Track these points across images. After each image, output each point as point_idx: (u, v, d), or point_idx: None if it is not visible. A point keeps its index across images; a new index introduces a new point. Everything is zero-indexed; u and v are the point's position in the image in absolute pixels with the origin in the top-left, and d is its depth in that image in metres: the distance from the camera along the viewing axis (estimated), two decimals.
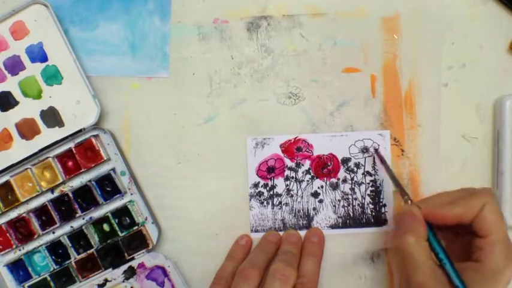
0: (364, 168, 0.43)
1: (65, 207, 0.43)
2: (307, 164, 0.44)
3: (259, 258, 0.40)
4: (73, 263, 0.44)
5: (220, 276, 0.41)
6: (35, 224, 0.43)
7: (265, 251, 0.41)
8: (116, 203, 0.44)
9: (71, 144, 0.43)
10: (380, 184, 0.43)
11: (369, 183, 0.43)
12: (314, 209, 0.44)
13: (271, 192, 0.44)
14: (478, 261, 0.35)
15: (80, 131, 0.43)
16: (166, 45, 0.44)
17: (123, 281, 0.44)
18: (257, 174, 0.44)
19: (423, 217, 0.37)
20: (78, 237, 0.43)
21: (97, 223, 0.43)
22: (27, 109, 0.43)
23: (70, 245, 0.44)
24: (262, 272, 0.39)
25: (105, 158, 0.43)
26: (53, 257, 0.44)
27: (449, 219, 0.36)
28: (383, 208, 0.43)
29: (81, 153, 0.43)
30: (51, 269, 0.44)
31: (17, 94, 0.43)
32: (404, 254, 0.35)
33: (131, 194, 0.44)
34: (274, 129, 0.44)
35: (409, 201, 0.39)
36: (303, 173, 0.44)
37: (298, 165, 0.44)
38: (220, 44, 0.44)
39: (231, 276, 0.40)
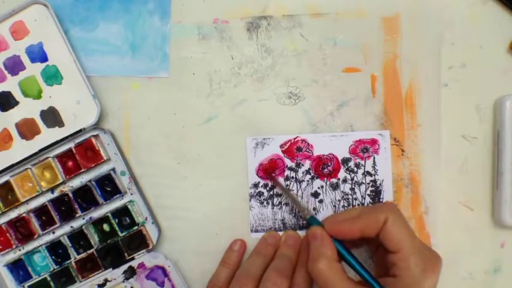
0: (364, 168, 0.43)
1: (65, 207, 0.43)
2: (307, 164, 0.44)
3: (255, 265, 0.41)
4: (73, 263, 0.44)
5: (214, 284, 0.41)
6: (35, 224, 0.43)
7: (262, 255, 0.42)
8: (116, 203, 0.44)
9: (71, 144, 0.43)
10: (380, 184, 0.43)
11: (369, 183, 0.43)
12: (314, 209, 0.44)
13: (271, 192, 0.44)
14: (395, 276, 0.35)
15: (80, 131, 0.43)
16: (166, 45, 0.44)
17: (123, 281, 0.44)
18: (257, 174, 0.44)
19: (329, 234, 0.37)
20: (78, 237, 0.43)
21: (97, 223, 0.43)
22: (27, 109, 0.43)
23: (70, 245, 0.44)
24: (257, 280, 0.39)
25: (105, 158, 0.43)
26: (53, 257, 0.44)
27: (353, 234, 0.37)
28: None
29: (81, 153, 0.43)
30: (51, 269, 0.44)
31: (17, 94, 0.43)
32: (320, 282, 0.36)
33: (131, 194, 0.44)
34: (274, 129, 0.44)
35: (308, 216, 0.40)
36: (303, 173, 0.44)
37: (298, 165, 0.44)
38: (220, 44, 0.44)
39: (225, 283, 0.41)
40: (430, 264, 0.35)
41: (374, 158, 0.43)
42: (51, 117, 0.43)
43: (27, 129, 0.43)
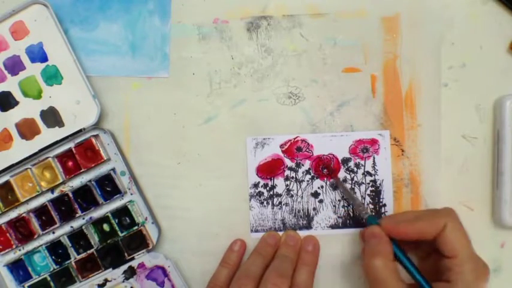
0: (364, 168, 0.43)
1: (65, 207, 0.43)
2: (307, 164, 0.44)
3: (255, 266, 0.41)
4: (73, 263, 0.44)
5: (214, 284, 0.41)
6: (35, 224, 0.43)
7: (262, 256, 0.42)
8: (116, 203, 0.44)
9: (71, 144, 0.43)
10: (380, 184, 0.43)
11: (369, 183, 0.43)
12: (314, 209, 0.44)
13: (271, 192, 0.44)
14: (449, 281, 0.35)
15: (80, 131, 0.43)
16: (166, 45, 0.44)
17: (123, 281, 0.44)
18: (257, 174, 0.44)
19: (386, 234, 0.37)
20: (78, 237, 0.43)
21: (97, 223, 0.43)
22: (27, 109, 0.43)
23: (70, 245, 0.44)
24: (257, 280, 0.39)
25: (105, 158, 0.43)
26: (53, 257, 0.44)
27: (411, 234, 0.37)
28: (383, 208, 0.43)
29: (81, 153, 0.43)
30: (51, 269, 0.44)
31: (17, 94, 0.43)
32: (373, 279, 0.36)
33: (131, 194, 0.44)
34: (274, 129, 0.44)
35: (366, 215, 0.40)
36: (303, 173, 0.44)
37: (298, 165, 0.44)
38: (220, 44, 0.44)
39: (225, 284, 0.41)
40: (482, 273, 0.36)
41: (374, 158, 0.43)
42: (51, 117, 0.43)
43: (27, 129, 0.43)
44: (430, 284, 0.36)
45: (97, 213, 0.44)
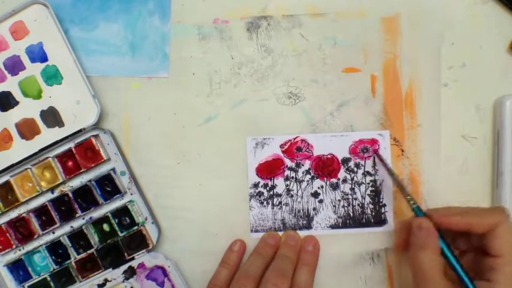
0: (364, 168, 0.43)
1: (65, 207, 0.43)
2: (307, 164, 0.44)
3: (255, 266, 0.41)
4: (73, 263, 0.44)
5: (213, 284, 0.41)
6: (35, 224, 0.43)
7: (262, 256, 0.42)
8: (116, 203, 0.44)
9: (71, 144, 0.43)
10: (380, 184, 0.43)
11: (369, 183, 0.43)
12: (314, 209, 0.44)
13: (271, 192, 0.44)
14: (490, 281, 0.35)
15: (80, 131, 0.43)
16: (166, 45, 0.44)
17: (123, 281, 0.44)
18: (257, 174, 0.44)
19: (435, 225, 0.37)
20: (78, 237, 0.43)
21: (97, 223, 0.43)
22: (27, 109, 0.43)
23: (70, 245, 0.44)
24: (257, 281, 0.39)
25: (105, 158, 0.43)
26: (53, 257, 0.44)
27: (461, 226, 0.37)
28: (383, 208, 0.43)
29: (81, 153, 0.43)
30: (51, 269, 0.44)
31: (17, 94, 0.43)
32: (418, 272, 0.36)
33: (131, 194, 0.44)
34: (274, 129, 0.44)
35: (414, 206, 0.39)
36: (303, 173, 0.44)
37: (298, 165, 0.44)
38: (220, 44, 0.44)
39: (225, 284, 0.41)
40: None
41: (374, 158, 0.43)
42: (51, 117, 0.43)
43: (27, 129, 0.43)
44: (473, 282, 0.36)
45: (97, 213, 0.44)
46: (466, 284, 0.36)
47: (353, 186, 0.44)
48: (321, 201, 0.44)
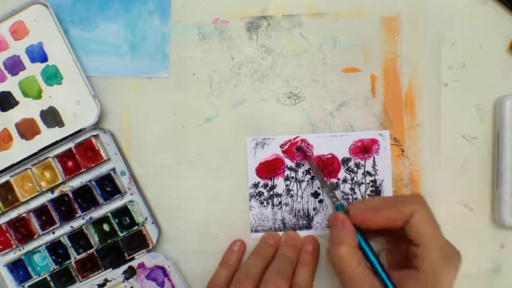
0: (364, 168, 0.43)
1: (65, 207, 0.43)
2: (307, 164, 0.44)
3: (255, 266, 0.41)
4: (73, 263, 0.44)
5: (213, 284, 0.41)
6: (35, 224, 0.43)
7: (262, 256, 0.42)
8: (116, 203, 0.44)
9: (71, 144, 0.43)
10: (380, 184, 0.43)
11: (369, 183, 0.43)
12: (314, 209, 0.44)
13: (271, 192, 0.44)
14: (416, 268, 0.35)
15: (80, 131, 0.43)
16: (166, 45, 0.44)
17: (123, 281, 0.44)
18: (257, 174, 0.44)
19: (352, 221, 0.37)
20: (78, 237, 0.43)
21: (97, 223, 0.43)
22: (27, 109, 0.43)
23: (70, 245, 0.44)
24: (257, 281, 0.39)
25: (105, 158, 0.43)
26: (53, 257, 0.44)
27: (377, 223, 0.37)
28: None
29: (81, 153, 0.43)
30: (51, 269, 0.44)
31: (17, 94, 0.43)
32: (337, 267, 0.36)
33: (131, 194, 0.44)
34: (274, 129, 0.44)
35: (337, 203, 0.40)
36: (303, 173, 0.44)
37: (298, 165, 0.44)
38: (220, 44, 0.44)
39: (225, 284, 0.41)
40: (451, 260, 0.35)
41: (374, 158, 0.43)
42: (51, 117, 0.43)
43: (27, 129, 0.43)
44: (391, 280, 0.36)
45: (97, 213, 0.44)
46: (382, 278, 0.36)
47: (353, 186, 0.44)
48: (321, 201, 0.44)
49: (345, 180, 0.44)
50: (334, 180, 0.44)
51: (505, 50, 0.43)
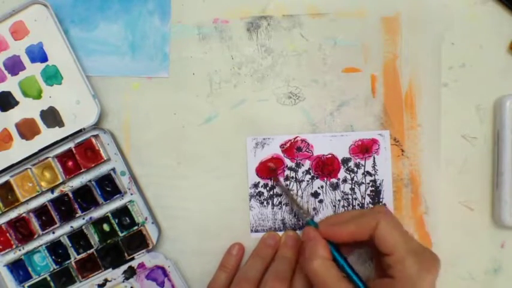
0: (364, 168, 0.43)
1: (65, 207, 0.43)
2: (307, 164, 0.44)
3: (254, 269, 0.41)
4: (73, 263, 0.44)
5: (212, 287, 0.41)
6: (35, 224, 0.43)
7: (261, 258, 0.42)
8: (116, 203, 0.44)
9: (71, 144, 0.43)
10: (380, 184, 0.43)
11: (369, 183, 0.43)
12: (314, 209, 0.44)
13: (271, 192, 0.44)
14: (392, 277, 0.35)
15: (80, 131, 0.43)
16: (166, 45, 0.44)
17: (123, 281, 0.44)
18: (257, 174, 0.44)
19: (322, 236, 0.38)
20: (78, 237, 0.43)
21: (97, 223, 0.43)
22: (27, 109, 0.43)
23: (70, 245, 0.44)
24: (256, 284, 0.40)
25: (105, 158, 0.43)
26: (53, 257, 0.44)
27: (344, 237, 0.37)
28: None
29: (81, 153, 0.43)
30: (51, 269, 0.44)
31: (17, 94, 0.43)
32: (316, 281, 0.36)
33: (131, 194, 0.44)
34: (274, 129, 0.44)
35: (307, 219, 0.40)
36: (303, 173, 0.44)
37: (298, 165, 0.44)
38: (220, 44, 0.44)
39: (224, 287, 0.41)
40: (426, 265, 0.35)
41: (374, 158, 0.43)
42: (51, 117, 0.43)
43: (27, 129, 0.43)
44: (365, 284, 0.36)
45: (97, 213, 0.44)
46: (358, 286, 0.36)
47: (353, 186, 0.44)
48: (321, 201, 0.44)
49: (345, 180, 0.44)
50: (334, 180, 0.44)
51: (505, 50, 0.43)
